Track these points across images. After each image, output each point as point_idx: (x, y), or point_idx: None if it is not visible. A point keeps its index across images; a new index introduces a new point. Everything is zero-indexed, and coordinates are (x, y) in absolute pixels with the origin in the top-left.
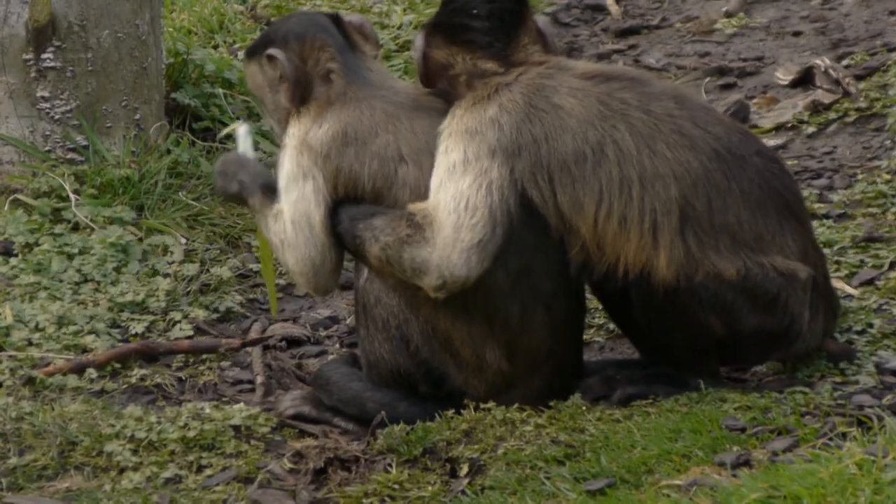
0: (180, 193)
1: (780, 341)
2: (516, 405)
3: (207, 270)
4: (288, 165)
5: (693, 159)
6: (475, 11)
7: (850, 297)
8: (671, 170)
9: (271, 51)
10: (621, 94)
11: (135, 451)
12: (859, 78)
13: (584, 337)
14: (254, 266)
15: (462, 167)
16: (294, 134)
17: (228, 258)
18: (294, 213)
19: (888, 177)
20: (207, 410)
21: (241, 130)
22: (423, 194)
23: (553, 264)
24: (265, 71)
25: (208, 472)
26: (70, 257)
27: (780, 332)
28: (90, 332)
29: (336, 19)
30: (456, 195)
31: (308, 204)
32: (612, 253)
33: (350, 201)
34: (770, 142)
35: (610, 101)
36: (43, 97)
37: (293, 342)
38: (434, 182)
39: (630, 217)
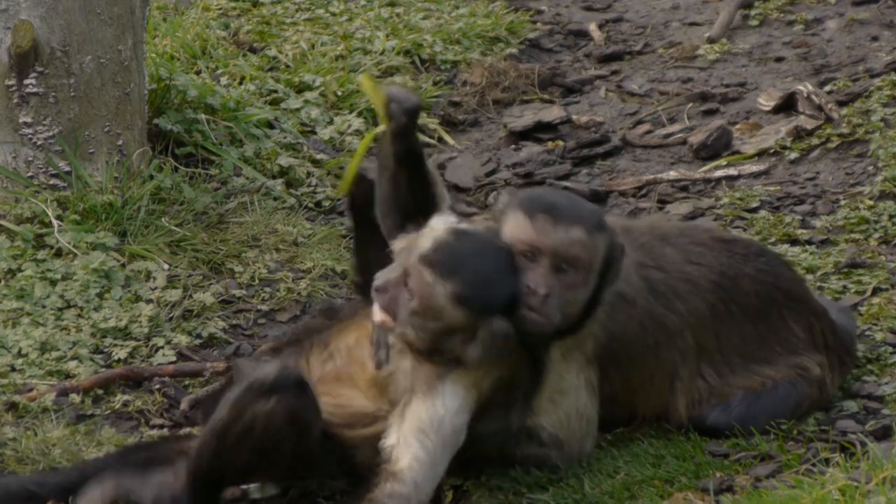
0: (163, 219)
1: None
2: None
3: (190, 296)
4: (452, 400)
5: (700, 303)
6: None
7: None
8: (686, 322)
9: (503, 325)
10: (652, 270)
11: None
12: (842, 104)
13: None
14: (237, 291)
15: (575, 386)
16: (468, 386)
17: (211, 284)
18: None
19: (871, 202)
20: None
21: None
22: None
23: None
24: (464, 324)
25: None
26: (53, 283)
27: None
28: (73, 358)
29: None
30: (576, 414)
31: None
32: (631, 406)
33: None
34: (753, 168)
35: (648, 273)
36: (25, 123)
37: None
38: (550, 402)
39: (656, 377)
